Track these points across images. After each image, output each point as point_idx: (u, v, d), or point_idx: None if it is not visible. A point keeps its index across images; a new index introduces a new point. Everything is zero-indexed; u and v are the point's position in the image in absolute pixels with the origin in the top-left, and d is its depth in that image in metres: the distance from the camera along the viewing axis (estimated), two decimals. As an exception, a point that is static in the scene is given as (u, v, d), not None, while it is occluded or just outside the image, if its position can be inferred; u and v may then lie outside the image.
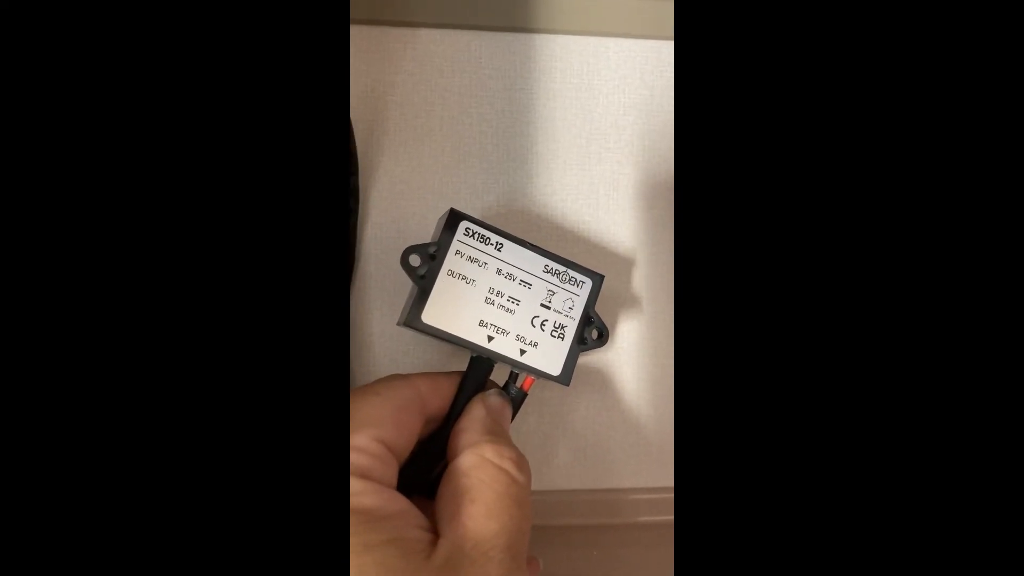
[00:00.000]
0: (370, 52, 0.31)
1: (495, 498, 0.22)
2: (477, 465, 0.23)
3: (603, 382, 0.34)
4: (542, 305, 0.26)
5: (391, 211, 0.31)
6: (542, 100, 0.32)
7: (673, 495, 0.34)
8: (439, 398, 0.25)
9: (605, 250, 0.33)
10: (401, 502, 0.22)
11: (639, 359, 0.34)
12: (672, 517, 0.33)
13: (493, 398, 0.26)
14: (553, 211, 0.32)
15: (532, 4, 0.31)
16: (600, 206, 0.33)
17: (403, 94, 0.31)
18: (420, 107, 0.31)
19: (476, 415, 0.25)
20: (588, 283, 0.27)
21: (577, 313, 0.27)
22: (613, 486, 0.34)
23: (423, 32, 0.31)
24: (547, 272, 0.27)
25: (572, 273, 0.27)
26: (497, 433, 0.24)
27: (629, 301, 0.33)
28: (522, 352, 0.26)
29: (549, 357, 0.26)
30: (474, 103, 0.32)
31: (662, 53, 0.32)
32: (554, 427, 0.33)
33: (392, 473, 0.23)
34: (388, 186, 0.31)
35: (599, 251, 0.33)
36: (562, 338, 0.27)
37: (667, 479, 0.34)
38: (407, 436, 0.24)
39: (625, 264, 0.33)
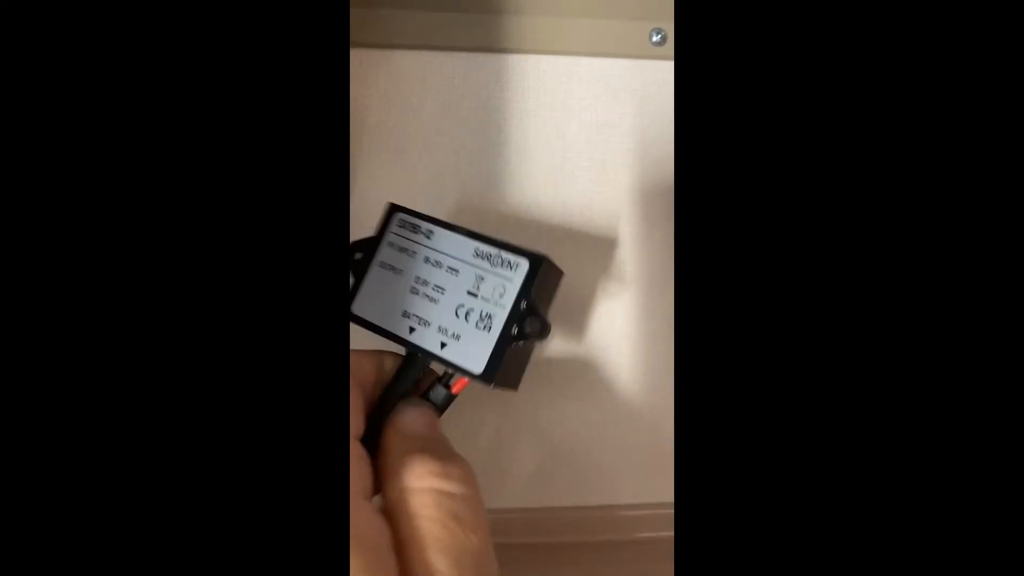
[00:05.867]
0: (348, 76, 0.32)
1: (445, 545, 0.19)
2: (403, 501, 0.20)
3: (574, 386, 0.31)
4: (468, 293, 0.24)
5: (367, 232, 0.31)
6: (515, 120, 0.32)
7: (654, 511, 0.31)
8: (363, 374, 0.24)
9: (580, 269, 0.31)
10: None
11: (617, 361, 0.31)
12: (651, 534, 0.31)
13: (407, 415, 0.23)
14: (527, 230, 0.31)
15: (504, 24, 0.31)
16: (575, 224, 0.31)
17: (378, 115, 0.32)
18: (395, 128, 0.32)
19: (391, 445, 0.22)
20: (524, 265, 0.23)
21: (508, 300, 0.23)
22: (588, 503, 0.31)
23: (397, 54, 0.32)
24: (478, 257, 0.24)
25: (505, 255, 0.24)
26: (415, 460, 0.21)
27: (603, 310, 0.31)
28: (443, 345, 0.24)
29: (472, 351, 0.23)
30: (448, 124, 0.32)
31: (634, 71, 0.31)
32: (517, 434, 0.30)
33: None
34: (363, 207, 0.31)
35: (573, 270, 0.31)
36: (488, 329, 0.23)
37: (648, 495, 0.31)
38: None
39: (599, 281, 0.31)
